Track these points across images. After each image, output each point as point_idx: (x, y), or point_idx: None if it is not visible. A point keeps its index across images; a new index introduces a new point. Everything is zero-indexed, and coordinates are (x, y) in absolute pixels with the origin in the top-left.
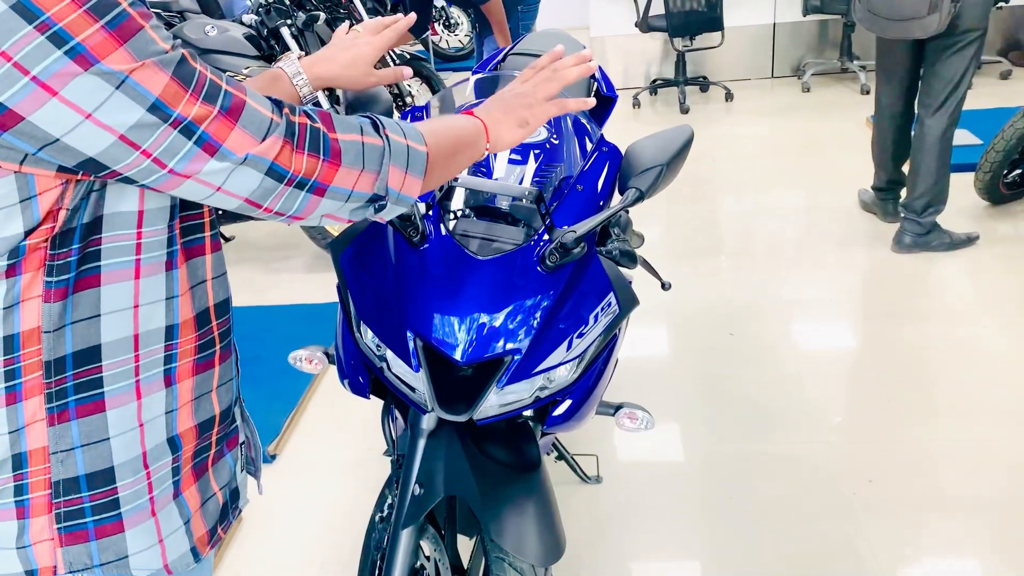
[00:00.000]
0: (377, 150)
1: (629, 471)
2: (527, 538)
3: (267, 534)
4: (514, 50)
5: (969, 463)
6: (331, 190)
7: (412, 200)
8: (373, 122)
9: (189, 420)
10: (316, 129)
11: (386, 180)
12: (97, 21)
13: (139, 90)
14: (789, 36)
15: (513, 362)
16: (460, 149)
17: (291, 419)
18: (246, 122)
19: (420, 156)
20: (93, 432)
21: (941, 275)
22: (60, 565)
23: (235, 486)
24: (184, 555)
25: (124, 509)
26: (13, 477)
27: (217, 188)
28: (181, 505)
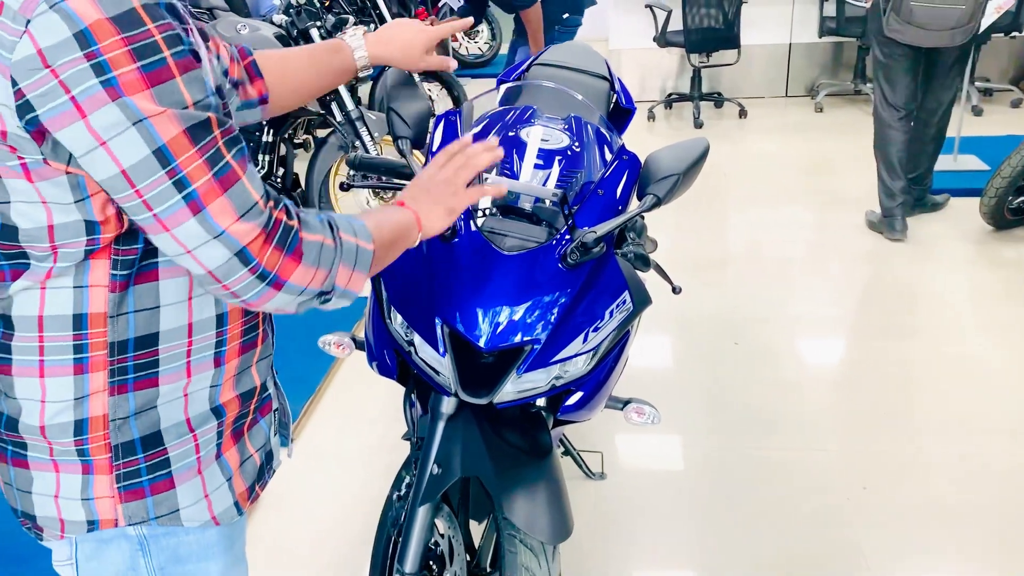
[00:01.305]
0: (331, 251)
1: (633, 469)
2: (538, 516)
3: (284, 516)
4: (538, 61)
5: (961, 473)
6: (288, 285)
7: (355, 295)
8: (329, 222)
9: (231, 391)
10: (290, 227)
11: (335, 278)
12: (135, 62)
13: (151, 132)
14: (804, 57)
15: (532, 351)
16: (398, 241)
17: (309, 404)
18: (233, 195)
19: (367, 255)
20: (145, 403)
21: (943, 295)
22: (121, 519)
23: (270, 448)
24: (228, 508)
25: (174, 467)
26: (75, 441)
27: (188, 251)
28: (223, 465)
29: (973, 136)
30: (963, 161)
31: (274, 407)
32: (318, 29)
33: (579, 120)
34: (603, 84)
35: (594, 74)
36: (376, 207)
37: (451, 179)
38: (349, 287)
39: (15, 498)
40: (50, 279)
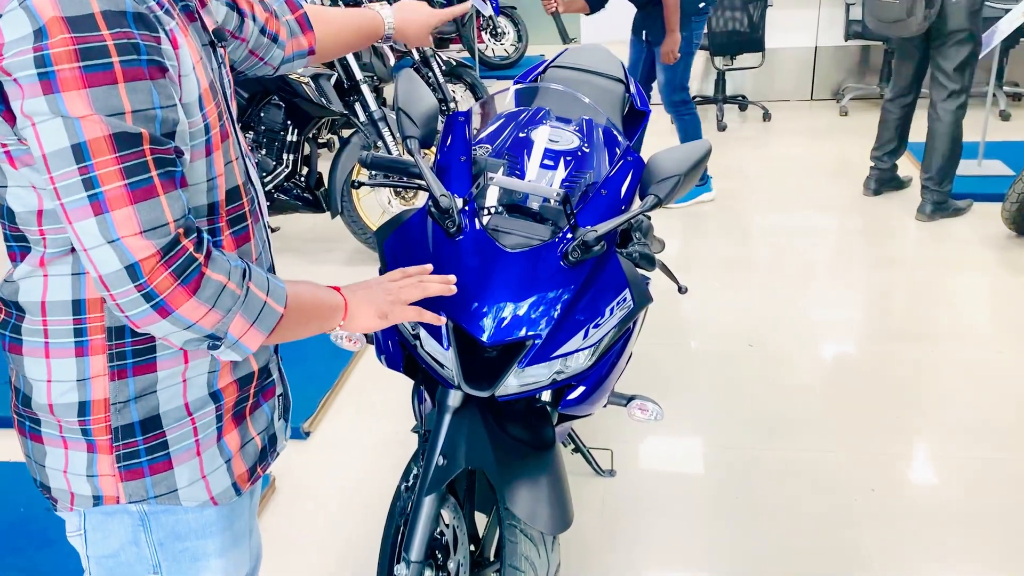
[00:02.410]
0: (232, 296)
1: (642, 467)
2: (539, 508)
3: (300, 504)
4: (556, 63)
5: (972, 478)
6: (175, 315)
7: (249, 351)
8: (244, 270)
9: (229, 376)
10: (193, 259)
11: (228, 325)
12: (78, 61)
13: (76, 128)
14: (830, 60)
15: (533, 346)
16: (316, 318)
17: (325, 400)
18: (143, 209)
19: (272, 315)
20: (145, 387)
21: (962, 300)
22: (121, 496)
23: (273, 432)
24: (227, 489)
25: (172, 450)
26: (78, 422)
27: (84, 248)
28: (222, 448)
29: (999, 141)
30: (987, 166)
31: (278, 392)
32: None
33: (590, 123)
34: (619, 87)
35: (610, 76)
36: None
37: (394, 289)
38: (243, 340)
39: (34, 469)
40: (48, 265)
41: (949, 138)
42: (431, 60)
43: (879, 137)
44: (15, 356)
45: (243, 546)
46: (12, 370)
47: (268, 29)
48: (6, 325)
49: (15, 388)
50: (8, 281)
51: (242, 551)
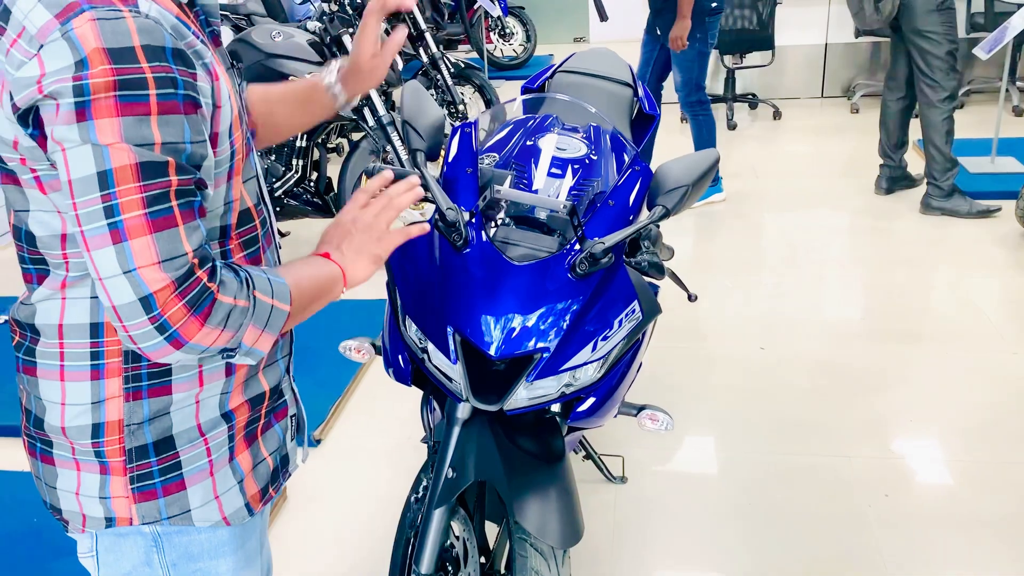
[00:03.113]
0: (242, 312)
1: (653, 473)
2: (549, 521)
3: (311, 512)
4: (563, 68)
5: (986, 482)
6: (189, 346)
7: (262, 354)
8: (246, 279)
9: (240, 397)
10: (206, 288)
11: (241, 338)
12: (115, 91)
13: (104, 155)
14: (841, 57)
15: (542, 359)
16: (321, 297)
17: (336, 407)
18: (162, 239)
19: (281, 315)
20: (159, 409)
21: (975, 300)
22: (135, 518)
23: (285, 452)
24: (239, 510)
25: (185, 470)
26: (92, 444)
27: (100, 278)
28: (235, 468)
29: (1013, 138)
30: (1001, 163)
31: (290, 412)
32: (350, 36)
33: (598, 129)
34: (626, 91)
35: (618, 80)
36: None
37: (373, 224)
38: (256, 346)
39: (44, 491)
40: (68, 288)
41: (936, 133)
42: (439, 62)
43: (881, 134)
44: (29, 378)
45: (255, 565)
46: (24, 391)
47: None
48: (20, 347)
49: (26, 410)
50: (25, 304)
51: (254, 570)
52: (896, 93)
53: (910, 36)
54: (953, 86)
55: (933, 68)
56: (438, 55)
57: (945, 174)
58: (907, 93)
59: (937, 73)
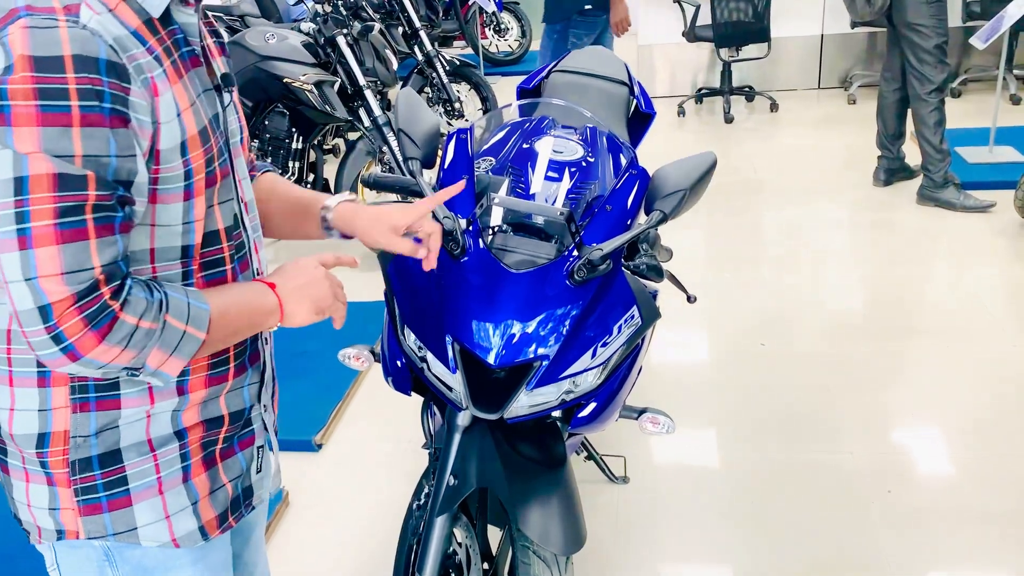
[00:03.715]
0: (146, 333)
1: (655, 473)
2: (551, 529)
3: (314, 517)
4: (558, 67)
5: (989, 477)
6: (85, 360)
7: (170, 378)
8: (161, 302)
9: (195, 417)
10: (107, 305)
11: (144, 359)
12: (36, 100)
13: (22, 162)
14: (837, 47)
15: (542, 367)
16: (247, 328)
17: (337, 411)
18: (68, 252)
19: (193, 342)
20: (108, 422)
21: (976, 292)
22: (81, 532)
23: (249, 484)
24: (192, 532)
25: (132, 485)
26: (36, 453)
27: (5, 281)
28: (189, 489)
29: (1011, 127)
30: (999, 152)
31: (257, 443)
32: (344, 36)
33: (594, 130)
34: (623, 90)
35: (614, 80)
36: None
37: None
38: (163, 369)
39: (8, 499)
40: None
41: (925, 125)
42: (435, 60)
43: (879, 126)
44: None
45: None
46: None
47: None
48: None
49: None
50: None
51: None
52: (892, 84)
53: (901, 28)
54: (941, 79)
55: (922, 61)
56: (433, 53)
57: (937, 165)
58: (903, 84)
59: (925, 66)
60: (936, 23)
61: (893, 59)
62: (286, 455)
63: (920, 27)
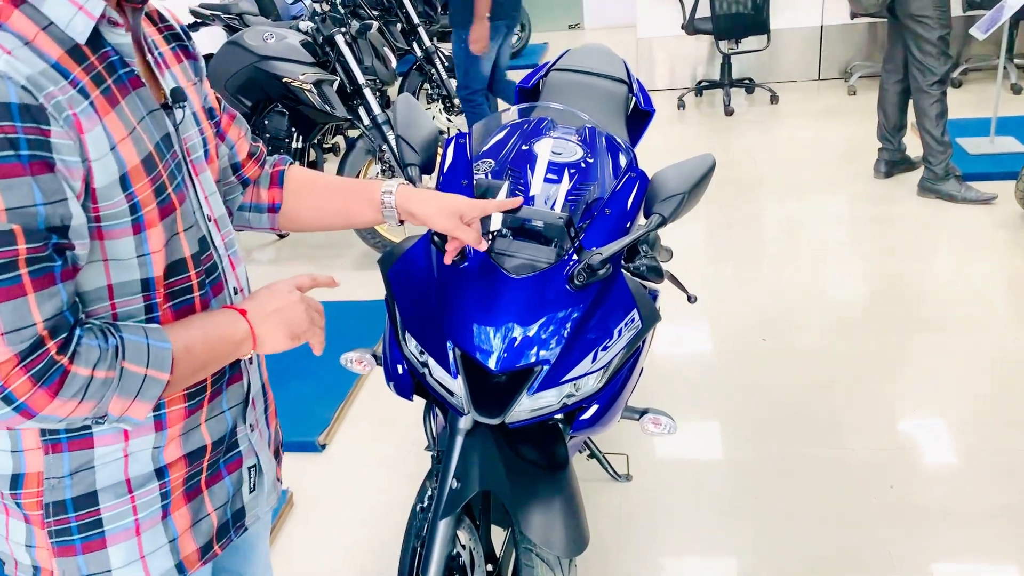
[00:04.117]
0: (103, 383)
1: (658, 471)
2: (554, 531)
3: (318, 518)
4: (557, 66)
5: (992, 472)
6: (40, 416)
7: (138, 421)
8: (117, 348)
9: (177, 451)
10: (54, 361)
11: (104, 408)
12: None
13: None
14: (837, 38)
15: (543, 371)
16: (217, 360)
17: (340, 412)
18: (5, 311)
19: (156, 385)
20: (82, 463)
21: (977, 285)
22: (55, 571)
23: (240, 505)
24: (168, 571)
25: (107, 528)
26: (11, 495)
27: None
28: (168, 526)
29: (1012, 116)
30: (1000, 143)
31: (247, 464)
32: (343, 35)
33: (593, 130)
34: (621, 88)
35: (612, 78)
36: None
37: (311, 316)
38: (128, 415)
39: None
40: None
41: (927, 117)
42: (433, 56)
43: (880, 117)
44: None
45: None
46: None
47: (241, 168)
48: None
49: None
50: None
51: None
52: (894, 76)
53: (904, 20)
54: (944, 71)
55: (924, 52)
56: (432, 49)
57: (938, 157)
58: (905, 76)
59: (928, 58)
60: (939, 14)
61: (895, 50)
62: (290, 456)
63: (923, 18)
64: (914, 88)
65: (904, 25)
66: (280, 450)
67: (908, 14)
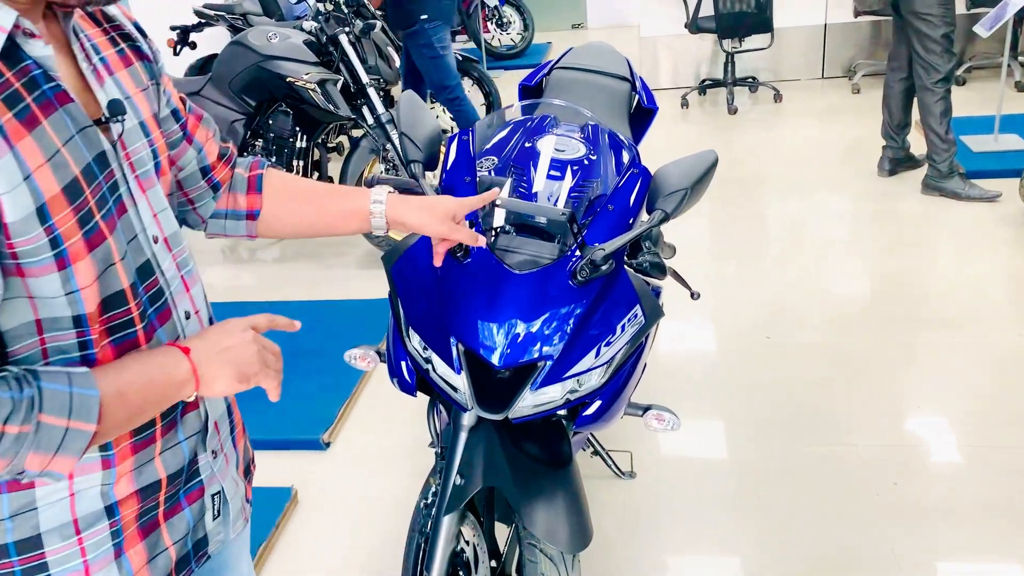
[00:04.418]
0: (15, 439)
1: (661, 468)
2: (557, 527)
3: (322, 515)
4: (560, 64)
5: (995, 470)
6: None
7: (62, 476)
8: (32, 400)
9: (129, 486)
10: None
11: (21, 464)
12: None
13: None
14: (840, 37)
15: (546, 367)
16: (157, 402)
17: (344, 409)
18: None
19: (80, 437)
20: (23, 505)
21: (981, 283)
22: None
23: (202, 535)
24: None
25: (54, 571)
26: None
27: None
28: (122, 564)
29: (1016, 114)
30: (1004, 141)
31: (211, 492)
32: (347, 35)
33: (596, 128)
34: (624, 85)
35: (615, 75)
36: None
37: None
38: (50, 470)
39: None
40: None
41: (931, 114)
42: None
43: (884, 115)
44: None
45: None
46: None
47: (211, 171)
48: None
49: None
50: None
51: None
52: (899, 74)
53: (908, 17)
54: (948, 69)
55: (929, 50)
56: None
57: (942, 155)
58: (909, 74)
59: (932, 56)
60: (944, 12)
61: (900, 48)
62: (293, 453)
63: (928, 16)
64: (918, 86)
65: (908, 22)
66: (251, 466)
67: (912, 11)
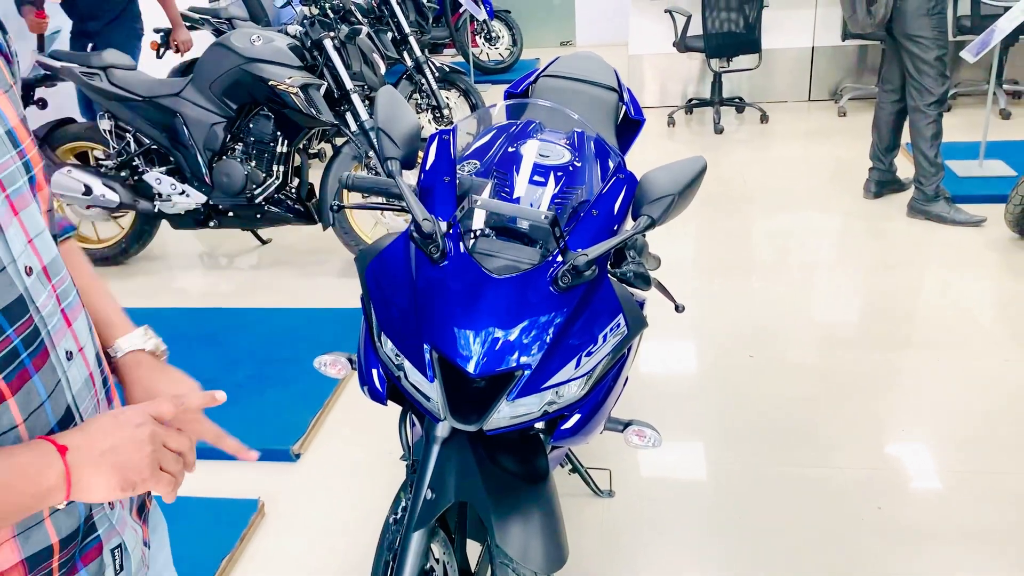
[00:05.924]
0: None
1: (641, 487)
2: (531, 546)
3: (289, 529)
4: (547, 72)
5: (980, 494)
6: None
7: None
8: None
9: (14, 556)
10: None
11: None
12: None
13: None
14: (828, 60)
15: (523, 376)
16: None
17: (316, 420)
18: None
19: None
20: None
21: (965, 306)
22: None
23: None
24: None
25: None
26: None
27: None
28: None
29: (1001, 141)
30: (989, 167)
31: (111, 546)
32: (331, 40)
33: (581, 135)
34: (611, 95)
35: (603, 85)
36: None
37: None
38: None
39: None
40: None
41: (922, 137)
42: (424, 66)
43: (873, 137)
44: None
45: None
46: None
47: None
48: None
49: None
50: None
51: None
52: (891, 96)
53: (901, 40)
54: (942, 91)
55: (922, 72)
56: (423, 59)
57: (930, 179)
58: (902, 96)
59: (925, 78)
60: (937, 35)
61: (892, 70)
62: (262, 465)
63: (920, 39)
64: (911, 107)
65: (901, 45)
66: (147, 503)
67: (905, 34)
